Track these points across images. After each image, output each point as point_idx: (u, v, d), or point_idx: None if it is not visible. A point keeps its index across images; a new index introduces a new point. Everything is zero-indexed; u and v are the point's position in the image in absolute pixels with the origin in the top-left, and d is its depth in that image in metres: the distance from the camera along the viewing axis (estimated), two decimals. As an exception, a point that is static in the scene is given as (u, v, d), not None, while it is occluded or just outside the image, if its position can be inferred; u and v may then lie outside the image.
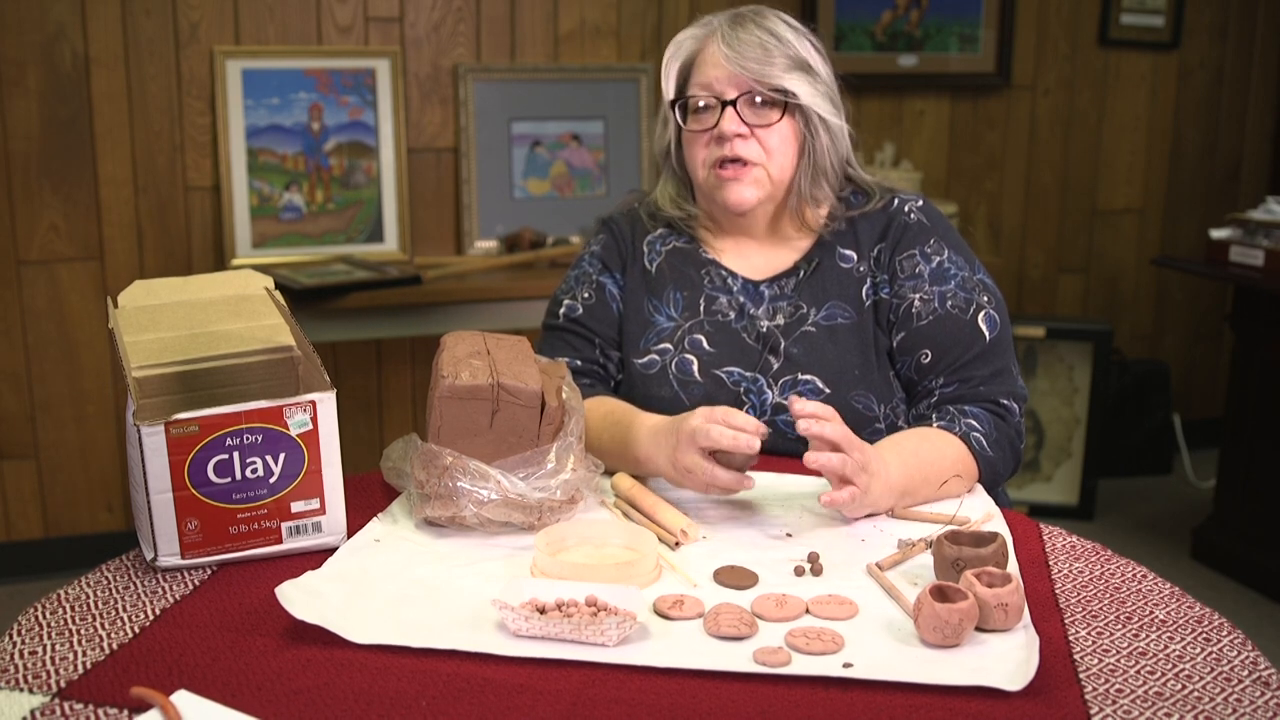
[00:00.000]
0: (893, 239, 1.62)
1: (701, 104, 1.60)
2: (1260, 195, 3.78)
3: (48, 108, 2.93)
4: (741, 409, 1.58)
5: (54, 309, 3.02)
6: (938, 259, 1.60)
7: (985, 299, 1.59)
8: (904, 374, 1.60)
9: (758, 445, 1.33)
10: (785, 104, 1.58)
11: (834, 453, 1.32)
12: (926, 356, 1.57)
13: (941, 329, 1.57)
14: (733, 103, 1.57)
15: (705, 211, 1.70)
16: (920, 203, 1.66)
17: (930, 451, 1.45)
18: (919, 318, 1.58)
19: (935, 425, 1.51)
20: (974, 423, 1.51)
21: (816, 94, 1.59)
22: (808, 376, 1.57)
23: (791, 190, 1.63)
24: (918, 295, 1.58)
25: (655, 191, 1.75)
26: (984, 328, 1.57)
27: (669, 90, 1.64)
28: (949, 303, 1.58)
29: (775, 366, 1.59)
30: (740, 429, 1.33)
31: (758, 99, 1.57)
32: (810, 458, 1.32)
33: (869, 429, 1.55)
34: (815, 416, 1.32)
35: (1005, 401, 1.55)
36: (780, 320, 1.62)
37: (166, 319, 1.34)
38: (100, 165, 2.99)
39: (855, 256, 1.63)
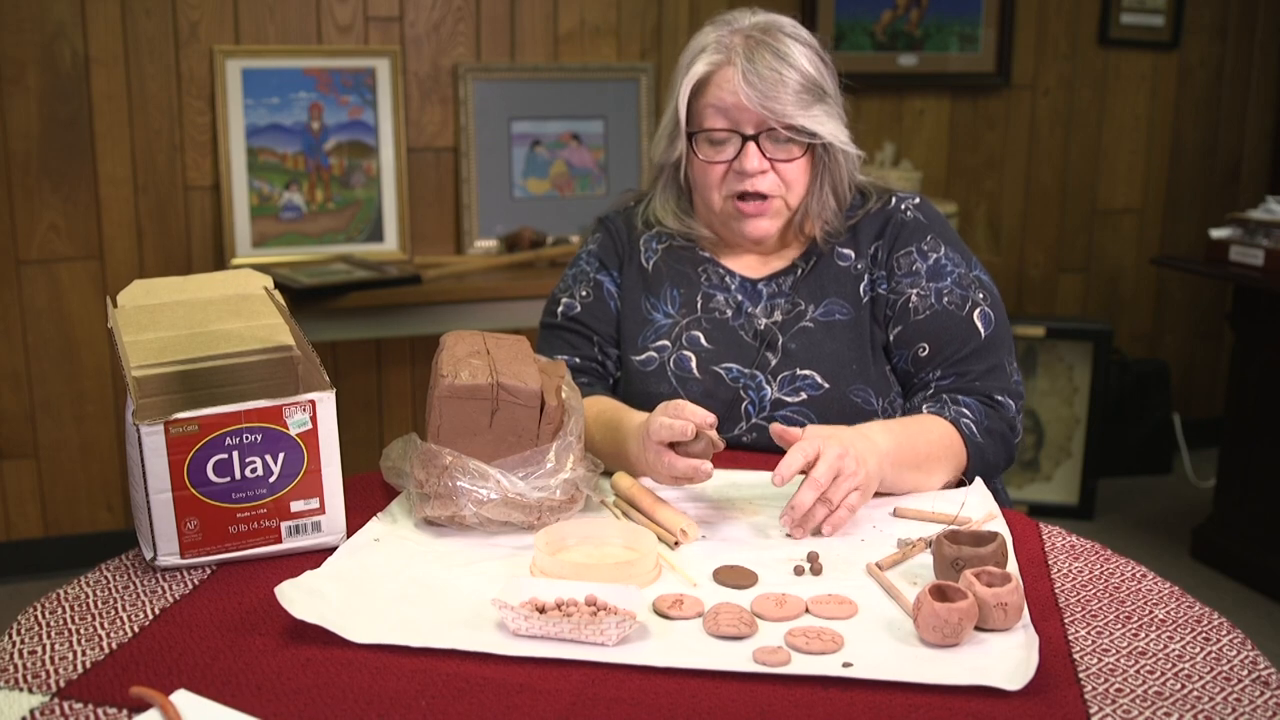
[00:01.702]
0: (890, 237, 1.63)
1: (720, 138, 1.57)
2: (1260, 195, 3.78)
3: (48, 107, 2.93)
4: (740, 405, 1.59)
5: (54, 309, 3.02)
6: (934, 256, 1.61)
7: (981, 296, 1.60)
8: (900, 367, 1.61)
9: (691, 430, 1.32)
10: (805, 141, 1.57)
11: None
12: (924, 350, 1.58)
13: (938, 324, 1.58)
14: (754, 138, 1.56)
15: (707, 223, 1.69)
16: (917, 201, 1.66)
17: (916, 426, 1.48)
18: (916, 312, 1.59)
19: (925, 410, 1.54)
20: (965, 410, 1.53)
21: (834, 123, 1.58)
22: (806, 371, 1.57)
23: (799, 210, 1.63)
24: (914, 291, 1.59)
25: (653, 202, 1.73)
26: (979, 324, 1.58)
27: (683, 117, 1.59)
28: (945, 299, 1.58)
29: (774, 362, 1.59)
30: (678, 418, 1.33)
31: (772, 137, 1.56)
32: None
33: (866, 422, 1.56)
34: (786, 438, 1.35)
35: (999, 397, 1.56)
36: (778, 317, 1.62)
37: (166, 318, 1.34)
38: (100, 165, 2.99)
39: (853, 255, 1.64)
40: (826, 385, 1.57)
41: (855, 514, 1.34)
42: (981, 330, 1.58)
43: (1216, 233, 3.12)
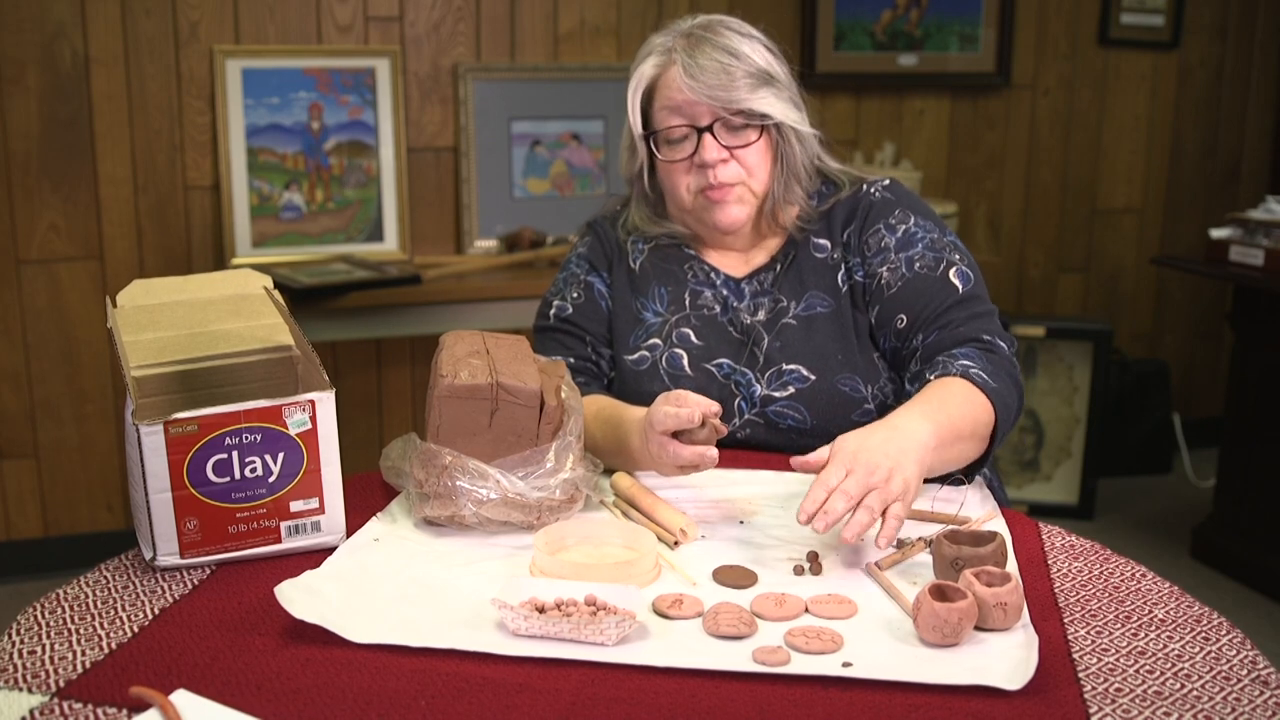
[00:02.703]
0: (860, 219, 1.64)
1: (677, 136, 1.58)
2: (1260, 195, 3.78)
3: (48, 107, 2.93)
4: (733, 401, 1.60)
5: (54, 308, 3.02)
6: (903, 228, 1.61)
7: (956, 257, 1.59)
8: (887, 347, 1.60)
9: (697, 417, 1.32)
10: (759, 123, 1.58)
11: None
12: (902, 321, 1.57)
13: (911, 290, 1.57)
14: (709, 129, 1.57)
15: (684, 225, 1.70)
16: (886, 182, 1.67)
17: (941, 395, 1.40)
18: (889, 287, 1.58)
19: (932, 377, 1.47)
20: (967, 361, 1.47)
21: (784, 105, 1.59)
22: (792, 366, 1.58)
23: (768, 198, 1.64)
24: (885, 267, 1.59)
25: (630, 214, 1.74)
26: (956, 282, 1.56)
27: (637, 124, 1.62)
28: (917, 264, 1.58)
29: (760, 360, 1.60)
30: (681, 406, 1.33)
31: (725, 124, 1.57)
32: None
33: (858, 410, 1.56)
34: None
35: (987, 338, 1.52)
36: (762, 315, 1.63)
37: (165, 318, 1.34)
38: (100, 165, 2.99)
39: (829, 245, 1.65)
40: (813, 377, 1.57)
41: (903, 522, 1.24)
42: (959, 286, 1.56)
43: (1216, 233, 3.12)
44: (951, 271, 1.57)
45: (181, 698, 0.97)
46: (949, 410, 1.38)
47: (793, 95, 1.62)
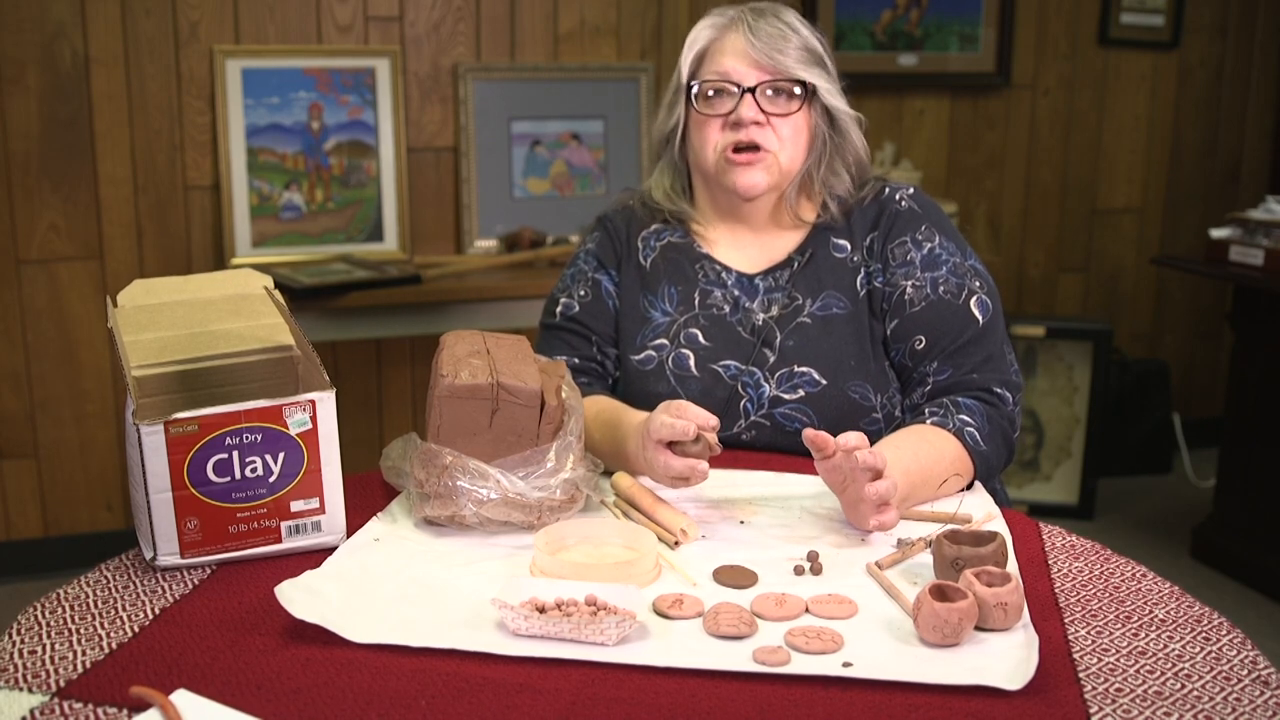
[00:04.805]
0: (884, 227, 1.64)
1: (712, 91, 1.61)
2: (1260, 195, 3.78)
3: (48, 107, 2.93)
4: (739, 403, 1.59)
5: (54, 308, 3.02)
6: (929, 245, 1.62)
7: (977, 284, 1.60)
8: (897, 361, 1.61)
9: (692, 430, 1.32)
10: (803, 96, 1.60)
11: (883, 481, 1.28)
12: (920, 343, 1.58)
13: (934, 314, 1.58)
14: (751, 90, 1.58)
15: (701, 203, 1.70)
16: (911, 191, 1.68)
17: (930, 453, 1.45)
18: (911, 304, 1.59)
19: (929, 421, 1.51)
20: (967, 417, 1.51)
21: (832, 86, 1.64)
22: (804, 369, 1.57)
23: (794, 181, 1.64)
24: (910, 282, 1.60)
25: (650, 182, 1.75)
26: (976, 312, 1.58)
27: (684, 72, 1.64)
28: (941, 288, 1.59)
29: (771, 360, 1.59)
30: (679, 418, 1.33)
31: (769, 90, 1.59)
32: (871, 489, 1.27)
33: (866, 418, 1.56)
34: (858, 448, 1.27)
35: (998, 390, 1.55)
36: (775, 312, 1.62)
37: (166, 318, 1.34)
38: (100, 164, 2.99)
39: (849, 246, 1.64)
40: (824, 382, 1.57)
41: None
42: (979, 318, 1.58)
43: (1216, 232, 3.12)
44: (973, 301, 1.59)
45: (181, 698, 0.97)
46: (927, 467, 1.42)
47: (838, 87, 1.66)
